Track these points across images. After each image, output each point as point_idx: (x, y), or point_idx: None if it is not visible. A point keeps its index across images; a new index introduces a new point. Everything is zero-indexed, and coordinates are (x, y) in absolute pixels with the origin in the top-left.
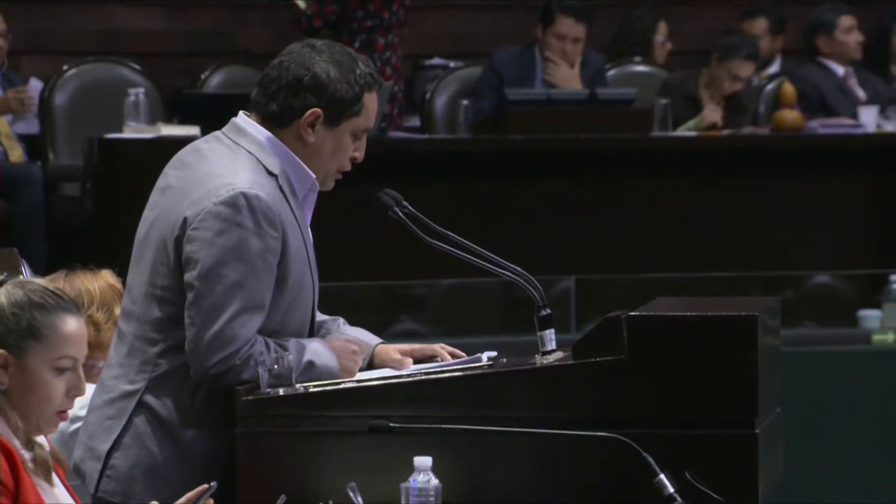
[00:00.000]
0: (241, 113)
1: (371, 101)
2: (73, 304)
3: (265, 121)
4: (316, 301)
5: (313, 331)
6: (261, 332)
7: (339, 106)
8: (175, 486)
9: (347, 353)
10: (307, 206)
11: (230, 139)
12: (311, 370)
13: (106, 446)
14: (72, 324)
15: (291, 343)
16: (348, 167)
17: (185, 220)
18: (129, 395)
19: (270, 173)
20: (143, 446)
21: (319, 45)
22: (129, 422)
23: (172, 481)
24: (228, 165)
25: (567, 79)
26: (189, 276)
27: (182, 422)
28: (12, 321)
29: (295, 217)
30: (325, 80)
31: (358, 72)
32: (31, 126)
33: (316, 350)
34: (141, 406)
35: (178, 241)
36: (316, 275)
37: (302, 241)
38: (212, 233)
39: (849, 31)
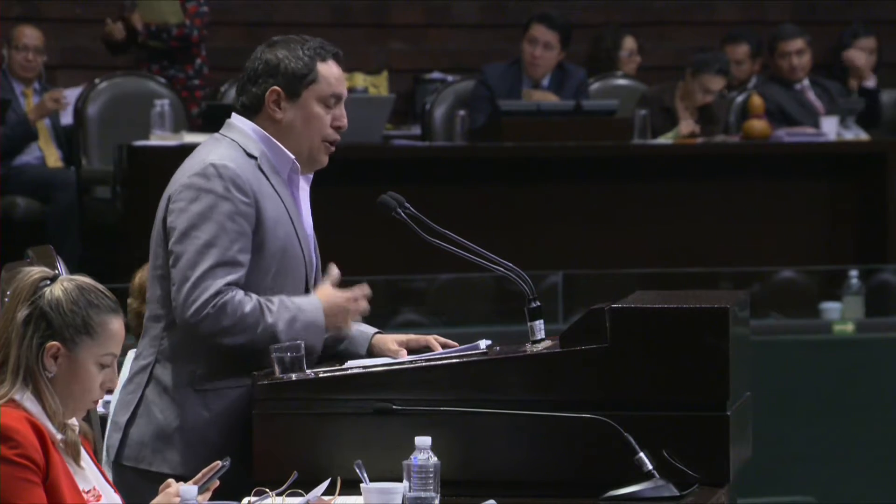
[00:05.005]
0: (233, 113)
1: (327, 69)
2: (118, 305)
3: (243, 115)
4: (313, 276)
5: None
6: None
7: (294, 78)
8: (180, 448)
9: (336, 308)
10: (294, 186)
11: (221, 134)
12: (293, 326)
13: (125, 418)
14: (117, 323)
15: (276, 300)
16: (333, 136)
17: (168, 198)
18: (143, 369)
19: (250, 155)
20: (151, 414)
21: (274, 39)
22: (143, 394)
23: (177, 444)
24: (207, 149)
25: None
26: (170, 244)
27: (184, 388)
28: (69, 316)
29: (277, 192)
30: (274, 61)
31: (306, 46)
32: (65, 117)
33: (301, 306)
34: (151, 378)
35: (164, 220)
36: (313, 252)
37: (285, 214)
38: (186, 202)
39: (798, 53)
